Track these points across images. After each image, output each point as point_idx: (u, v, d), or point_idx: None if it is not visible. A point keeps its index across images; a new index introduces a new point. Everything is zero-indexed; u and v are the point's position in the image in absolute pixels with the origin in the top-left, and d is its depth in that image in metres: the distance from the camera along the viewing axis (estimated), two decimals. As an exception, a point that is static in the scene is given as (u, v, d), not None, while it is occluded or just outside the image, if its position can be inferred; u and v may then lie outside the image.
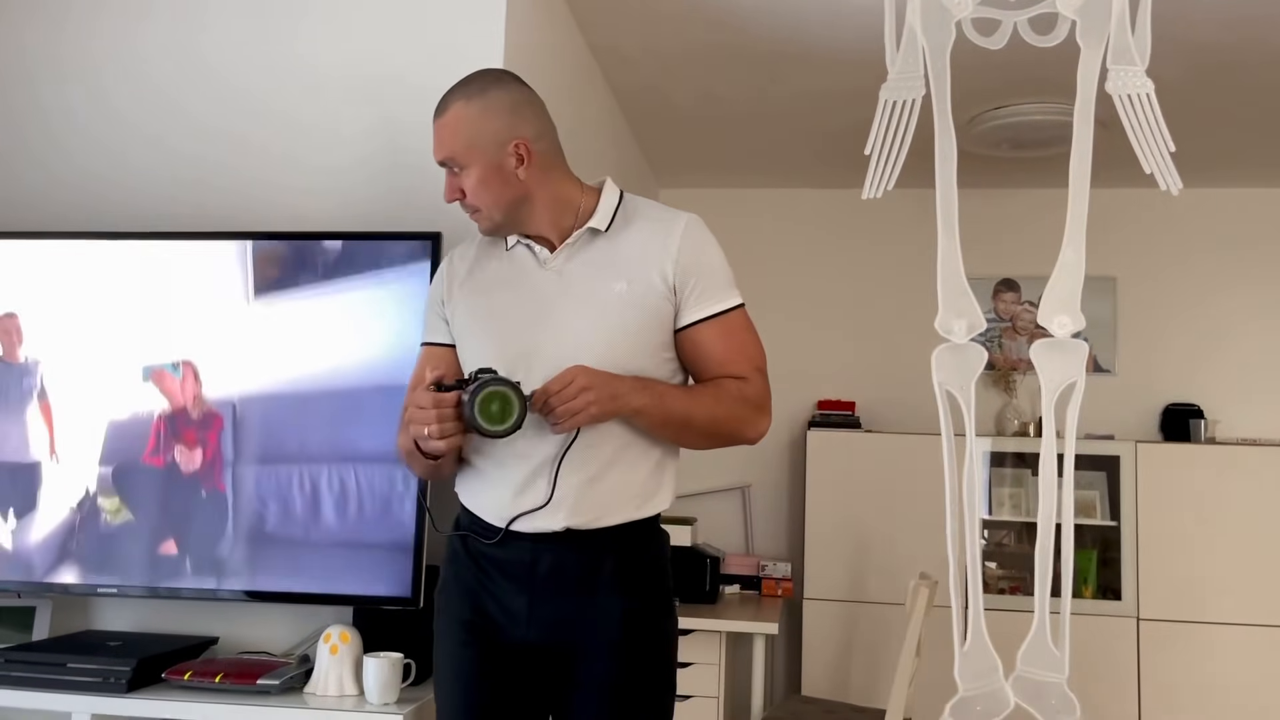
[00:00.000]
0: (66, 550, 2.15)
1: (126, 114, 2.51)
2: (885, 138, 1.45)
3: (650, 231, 1.72)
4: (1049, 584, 1.25)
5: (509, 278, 1.75)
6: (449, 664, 1.73)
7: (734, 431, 1.71)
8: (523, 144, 1.69)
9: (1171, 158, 1.26)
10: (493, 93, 1.70)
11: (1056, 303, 1.27)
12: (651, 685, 1.69)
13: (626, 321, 1.67)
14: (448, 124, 1.69)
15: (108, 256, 2.24)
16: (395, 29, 2.43)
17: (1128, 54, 1.30)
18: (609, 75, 3.56)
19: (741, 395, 1.69)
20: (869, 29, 3.06)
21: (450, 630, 1.74)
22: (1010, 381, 4.52)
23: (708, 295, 1.70)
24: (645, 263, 1.69)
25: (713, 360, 1.71)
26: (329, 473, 2.07)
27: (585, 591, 1.66)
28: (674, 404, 1.66)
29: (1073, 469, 1.23)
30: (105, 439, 2.16)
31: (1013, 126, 3.69)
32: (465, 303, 1.77)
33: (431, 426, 1.57)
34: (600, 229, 1.72)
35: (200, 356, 2.15)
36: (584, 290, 1.69)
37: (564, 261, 1.72)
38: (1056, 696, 1.21)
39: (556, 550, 1.66)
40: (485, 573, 1.71)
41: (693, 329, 1.70)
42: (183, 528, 2.12)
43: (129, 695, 1.95)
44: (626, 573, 1.68)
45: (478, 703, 1.70)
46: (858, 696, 4.06)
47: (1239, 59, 3.22)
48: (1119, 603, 4.04)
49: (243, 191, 2.43)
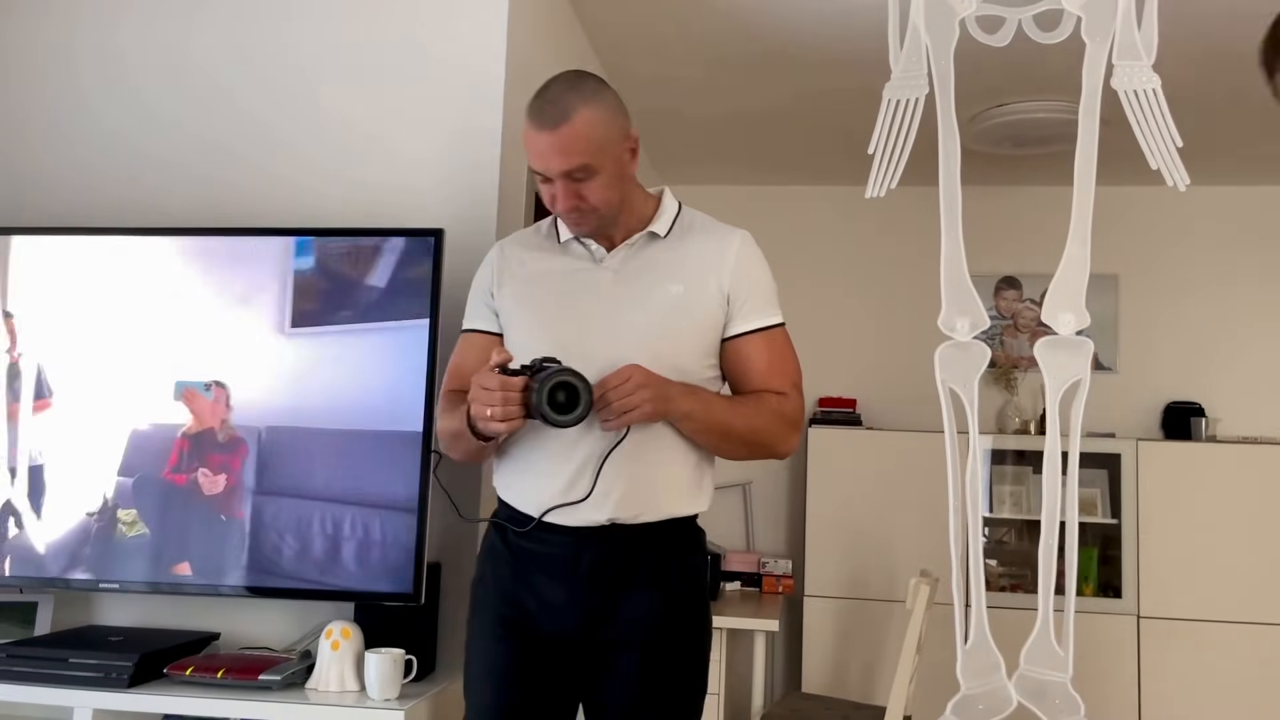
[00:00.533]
0: (78, 557, 2.14)
1: (135, 110, 2.51)
2: (888, 137, 1.45)
3: (707, 242, 1.76)
4: (1052, 582, 1.25)
5: (564, 271, 1.77)
6: (482, 659, 1.75)
7: (769, 444, 1.75)
8: (635, 138, 1.72)
9: (1178, 153, 1.26)
10: (605, 92, 1.69)
11: (1061, 300, 1.26)
12: (683, 682, 1.71)
13: (680, 323, 1.71)
14: (577, 131, 1.61)
15: (126, 254, 2.23)
16: (396, 25, 2.43)
17: (1134, 49, 1.30)
18: (610, 71, 3.55)
19: (780, 410, 1.73)
20: (872, 26, 3.05)
21: (486, 626, 1.75)
22: (1011, 379, 4.52)
23: (757, 309, 1.74)
24: (702, 270, 1.73)
25: (755, 372, 1.74)
26: (351, 515, 2.06)
27: (624, 586, 1.69)
28: (719, 412, 1.70)
29: (1077, 466, 1.23)
30: (126, 449, 2.15)
31: (1014, 124, 3.69)
32: (516, 292, 1.79)
33: (495, 409, 1.56)
34: (660, 234, 1.76)
35: (232, 380, 2.13)
36: (640, 290, 1.72)
37: (621, 261, 1.74)
38: (1060, 695, 1.21)
39: (599, 545, 1.68)
40: (524, 567, 1.72)
41: (740, 340, 1.74)
42: (198, 551, 2.10)
43: (131, 690, 1.95)
44: (665, 569, 1.71)
45: (509, 700, 1.72)
46: (858, 693, 4.06)
47: (1243, 55, 3.21)
48: (1119, 600, 4.04)
49: (246, 189, 2.43)
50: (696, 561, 1.79)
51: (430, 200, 2.34)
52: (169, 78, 2.50)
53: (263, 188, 2.42)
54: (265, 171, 2.43)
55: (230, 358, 2.15)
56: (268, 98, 2.46)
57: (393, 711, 1.90)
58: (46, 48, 2.56)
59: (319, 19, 2.46)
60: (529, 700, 1.72)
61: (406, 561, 2.04)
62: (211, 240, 2.22)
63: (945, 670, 1.43)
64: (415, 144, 2.39)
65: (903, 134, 1.45)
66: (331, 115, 2.43)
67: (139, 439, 2.14)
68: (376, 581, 2.06)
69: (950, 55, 1.42)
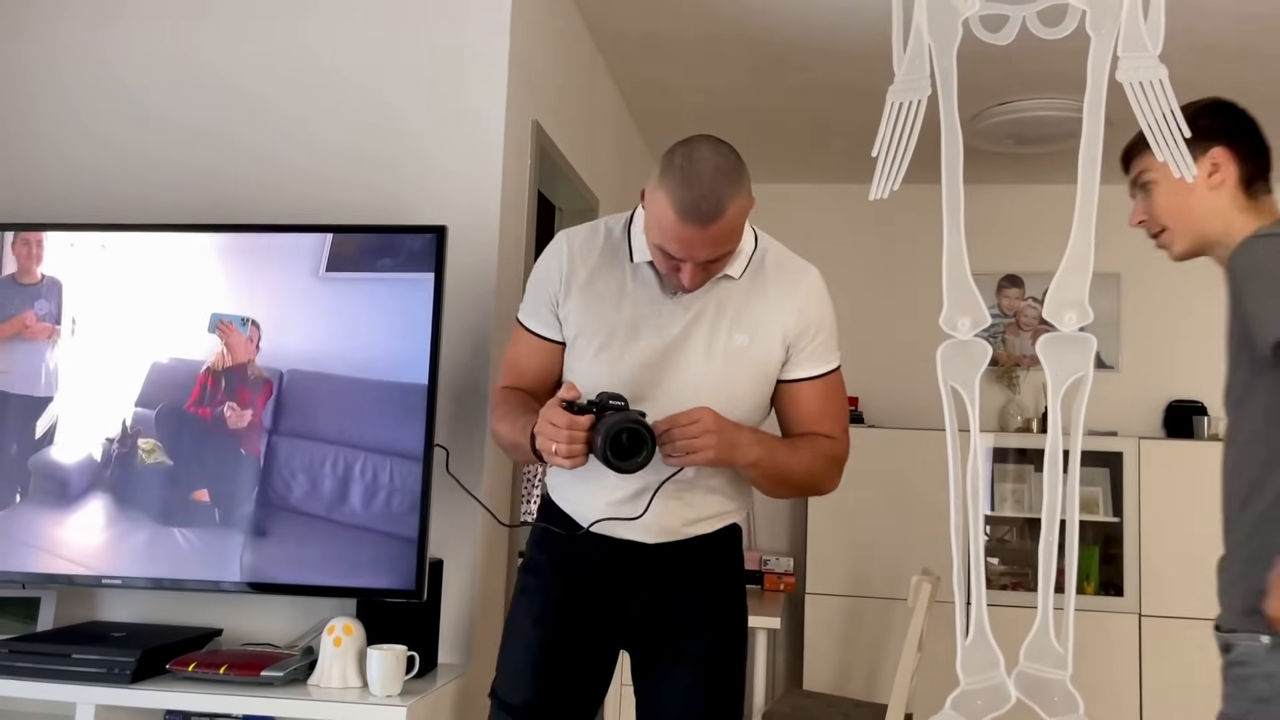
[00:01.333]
0: (99, 479, 2.16)
1: (140, 108, 2.52)
2: (892, 139, 1.45)
3: (777, 288, 1.76)
4: (1052, 579, 1.25)
5: (635, 299, 1.74)
6: (523, 649, 1.80)
7: (819, 487, 1.82)
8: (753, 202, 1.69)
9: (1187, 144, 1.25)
10: (744, 172, 1.64)
11: (1064, 296, 1.26)
12: (734, 679, 1.80)
13: (742, 372, 1.73)
14: (730, 226, 1.60)
15: (141, 247, 2.25)
16: (400, 24, 2.43)
17: (1139, 40, 1.29)
18: (614, 69, 3.56)
19: (832, 454, 1.79)
20: (873, 24, 3.05)
21: (530, 616, 1.81)
22: (1013, 377, 4.52)
23: (817, 356, 1.77)
24: (769, 321, 1.74)
25: (808, 416, 1.78)
26: (363, 460, 2.09)
27: (674, 593, 1.77)
28: (782, 460, 1.73)
29: (1078, 464, 1.23)
30: (146, 380, 2.16)
31: (1017, 122, 3.69)
32: (585, 308, 1.76)
33: (561, 446, 1.57)
34: (735, 276, 1.74)
35: (265, 319, 2.15)
36: (708, 335, 1.72)
37: (693, 299, 1.72)
38: (1059, 693, 1.21)
39: (649, 554, 1.76)
40: (575, 567, 1.80)
41: (796, 384, 1.78)
42: (216, 480, 2.13)
43: (133, 686, 1.96)
44: (713, 575, 1.80)
45: (542, 691, 1.78)
46: (859, 691, 4.06)
47: (1246, 55, 3.21)
48: (1121, 599, 4.04)
49: (251, 186, 2.43)
50: (739, 561, 1.87)
51: (433, 197, 2.35)
52: (175, 77, 2.50)
53: (267, 185, 2.42)
54: (269, 169, 2.43)
55: (264, 298, 2.17)
56: (272, 96, 2.46)
57: (395, 707, 1.90)
58: (68, 48, 2.57)
59: (324, 19, 2.46)
60: (561, 694, 1.79)
61: (409, 558, 2.04)
62: (220, 236, 2.22)
63: (946, 668, 1.43)
64: (419, 143, 2.39)
65: (906, 136, 1.45)
66: (336, 114, 2.43)
67: (160, 371, 2.16)
68: (378, 577, 2.06)
69: (953, 55, 1.42)
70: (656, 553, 1.76)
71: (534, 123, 2.60)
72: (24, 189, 2.52)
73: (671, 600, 1.77)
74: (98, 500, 2.16)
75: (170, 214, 2.39)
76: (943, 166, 1.40)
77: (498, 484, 2.38)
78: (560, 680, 1.79)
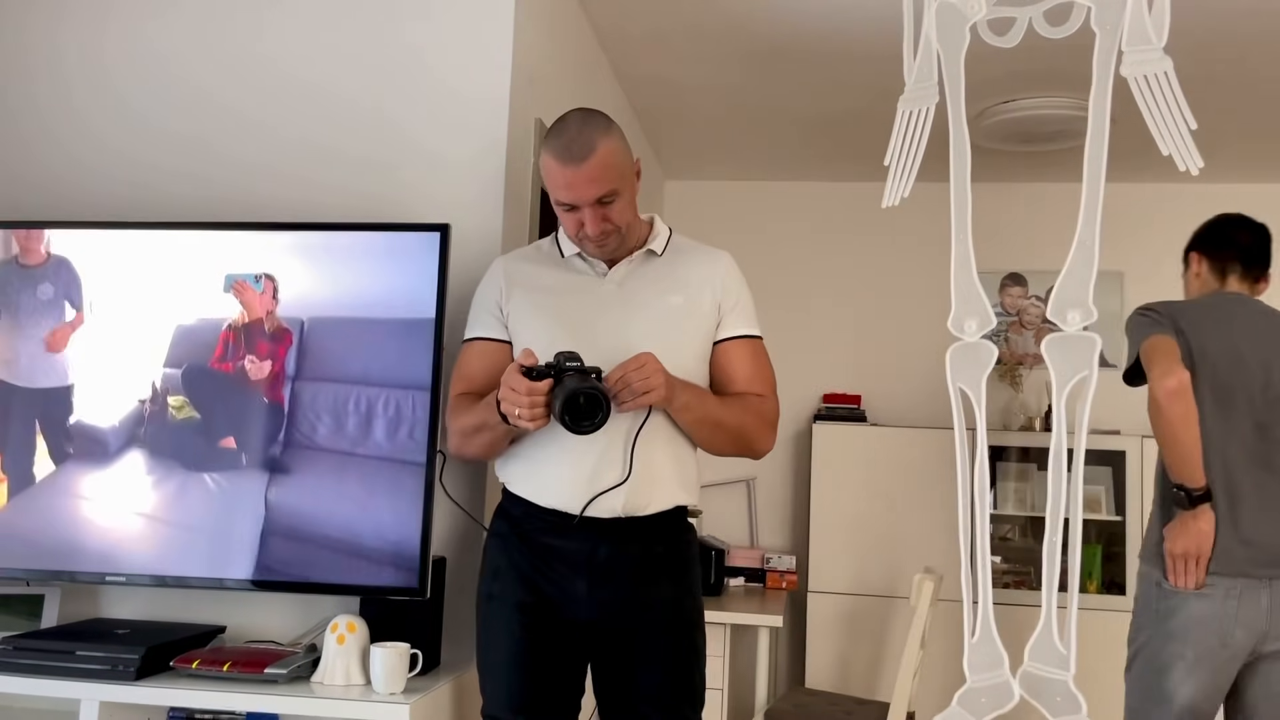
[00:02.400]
0: (135, 435, 2.20)
1: (143, 108, 2.52)
2: (902, 147, 1.45)
3: (700, 261, 1.97)
4: (1056, 579, 1.25)
5: (572, 284, 1.94)
6: (505, 645, 1.88)
7: (751, 441, 1.94)
8: (639, 164, 1.92)
9: (1192, 136, 1.24)
10: (614, 125, 1.87)
11: (1068, 296, 1.26)
12: (696, 659, 1.92)
13: (680, 328, 1.90)
14: (603, 161, 1.80)
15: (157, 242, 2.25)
16: (403, 21, 2.43)
17: (1144, 34, 1.29)
18: (616, 66, 3.56)
19: (761, 410, 1.93)
20: (878, 20, 3.05)
21: (503, 613, 1.89)
22: (1016, 376, 4.52)
23: (743, 319, 1.96)
24: (698, 284, 1.93)
25: (740, 375, 1.93)
26: (385, 396, 2.13)
27: (640, 577, 1.86)
28: (712, 405, 1.89)
29: (1082, 464, 1.23)
30: (172, 342, 2.21)
31: (1021, 121, 3.68)
32: (527, 299, 1.94)
33: (523, 410, 1.69)
34: (657, 252, 1.96)
35: (280, 273, 2.20)
36: (643, 300, 1.91)
37: (624, 276, 1.93)
38: (1061, 693, 1.21)
39: (613, 538, 1.85)
40: (542, 558, 1.87)
41: (727, 344, 1.94)
42: (242, 428, 2.18)
43: (137, 683, 1.96)
44: (674, 558, 1.91)
45: (529, 685, 1.86)
46: (861, 689, 4.07)
47: (1249, 52, 3.21)
48: (1123, 598, 4.03)
49: (251, 184, 2.43)
50: (694, 548, 1.99)
51: (437, 195, 2.35)
52: (175, 76, 2.51)
53: (270, 183, 2.42)
54: (270, 168, 2.43)
55: (277, 250, 2.22)
56: (276, 95, 2.46)
57: (398, 705, 1.91)
58: (74, 48, 2.57)
59: (326, 15, 2.46)
60: (548, 685, 1.88)
61: (412, 556, 2.04)
62: (221, 235, 2.22)
63: (948, 666, 1.43)
64: (422, 140, 2.39)
65: (916, 143, 1.45)
66: (339, 112, 2.43)
67: (184, 333, 2.22)
68: (381, 575, 2.06)
69: (961, 61, 1.42)
70: (621, 533, 1.84)
71: (537, 120, 2.60)
72: (26, 183, 2.52)
73: (639, 585, 1.86)
74: (135, 454, 2.20)
75: (180, 212, 2.39)
76: (951, 172, 1.40)
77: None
78: (543, 684, 1.88)
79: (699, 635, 1.94)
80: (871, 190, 1.58)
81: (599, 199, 1.81)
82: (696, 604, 1.95)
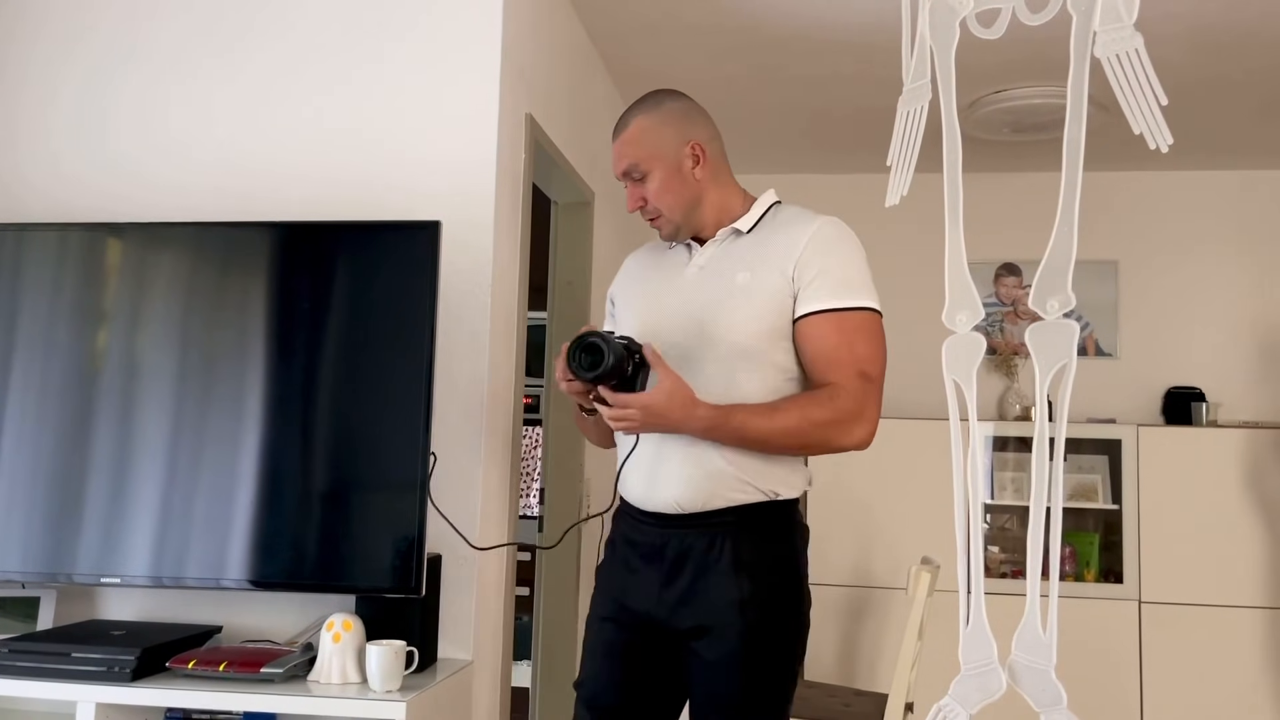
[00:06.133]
0: (130, 434, 2.18)
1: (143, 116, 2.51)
2: (902, 146, 1.45)
3: (784, 230, 1.83)
4: (1039, 569, 1.25)
5: (661, 268, 1.90)
6: (597, 636, 1.87)
7: (824, 440, 1.75)
8: (697, 145, 1.83)
9: (1163, 112, 1.24)
10: (667, 104, 1.85)
11: (1047, 284, 1.26)
12: (767, 669, 1.74)
13: (738, 306, 1.76)
14: (631, 136, 1.83)
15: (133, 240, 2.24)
16: (391, 16, 2.42)
17: (1115, 12, 1.29)
18: (608, 60, 3.55)
19: (831, 403, 1.72)
20: (872, 14, 3.05)
21: (599, 605, 1.88)
22: (1012, 366, 4.52)
23: (824, 290, 1.75)
24: (769, 258, 1.79)
25: (818, 360, 1.75)
26: (379, 395, 2.14)
27: (704, 571, 1.74)
28: (749, 429, 1.71)
29: (1063, 451, 1.23)
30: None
31: (1013, 110, 3.68)
32: (623, 289, 1.97)
33: (560, 383, 1.75)
34: (743, 230, 1.84)
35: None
36: (713, 279, 1.81)
37: (708, 258, 1.85)
38: (1045, 683, 1.22)
39: (681, 532, 1.76)
40: (626, 553, 1.84)
41: (804, 321, 1.75)
42: (238, 426, 2.18)
43: (133, 684, 1.96)
44: (742, 555, 1.74)
45: (617, 676, 1.83)
46: (860, 680, 4.07)
47: (1242, 40, 3.21)
48: (1121, 586, 4.04)
49: (243, 182, 2.43)
50: (777, 548, 1.79)
51: (427, 192, 2.34)
52: (167, 68, 2.50)
53: (261, 181, 2.42)
54: (259, 167, 2.43)
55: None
56: (265, 90, 2.45)
57: (394, 702, 1.91)
58: (68, 47, 2.56)
59: (314, 10, 2.46)
60: (634, 678, 1.82)
61: (407, 554, 2.04)
62: (209, 233, 2.22)
63: (947, 657, 1.44)
64: (411, 136, 2.38)
65: (914, 141, 1.45)
66: (327, 110, 2.42)
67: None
68: (377, 574, 2.06)
69: (952, 57, 1.42)
70: (688, 528, 1.76)
71: (528, 116, 2.59)
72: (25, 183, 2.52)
73: (701, 580, 1.74)
74: (132, 453, 2.19)
75: (167, 213, 2.39)
76: (944, 167, 1.40)
77: (495, 483, 2.39)
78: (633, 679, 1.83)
79: (773, 639, 1.76)
80: (865, 183, 1.59)
81: (625, 173, 1.84)
82: (774, 605, 1.76)
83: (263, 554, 2.10)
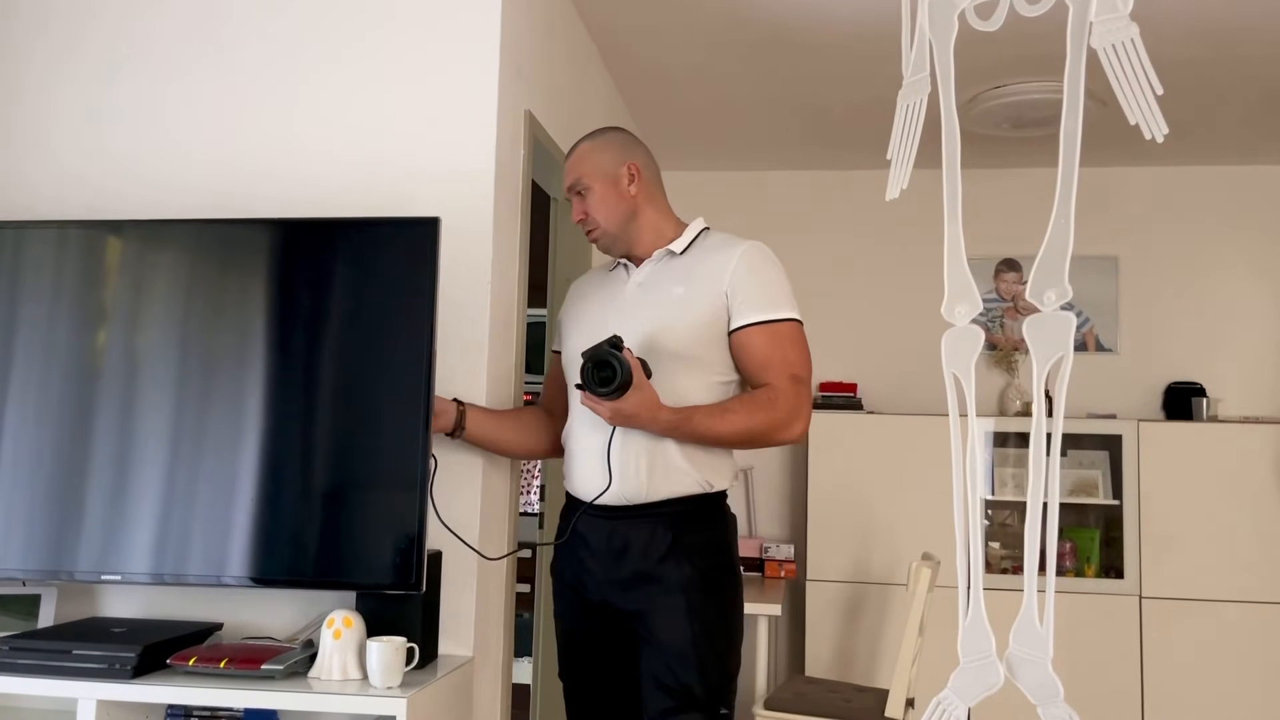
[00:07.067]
0: (129, 432, 2.18)
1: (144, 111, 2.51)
2: (902, 140, 1.45)
3: (715, 253, 2.05)
4: (1036, 563, 1.25)
5: (605, 289, 2.16)
6: (560, 625, 2.18)
7: (767, 437, 1.98)
8: (633, 165, 2.11)
9: (1158, 101, 1.23)
10: (610, 134, 2.18)
11: (1044, 277, 1.27)
12: (715, 642, 2.00)
13: (676, 317, 2.00)
14: (577, 158, 2.15)
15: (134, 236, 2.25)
16: (389, 10, 2.42)
17: (1111, 3, 1.29)
18: (607, 57, 3.55)
19: (772, 404, 1.96)
20: (869, 9, 3.05)
21: (560, 595, 2.17)
22: (1012, 361, 4.52)
23: (754, 306, 1.99)
24: (703, 275, 2.02)
25: (755, 363, 2.00)
26: (378, 392, 2.17)
27: (646, 559, 1.99)
28: (703, 429, 1.95)
29: (1059, 445, 1.23)
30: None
31: (1013, 106, 3.68)
32: (571, 310, 2.22)
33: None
34: (677, 251, 2.09)
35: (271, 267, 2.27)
36: (651, 294, 2.06)
37: (645, 276, 2.10)
38: (1042, 676, 1.22)
39: (625, 524, 2.00)
40: (577, 544, 2.09)
41: (741, 332, 2.00)
42: (238, 424, 2.21)
43: (134, 681, 1.96)
44: (681, 543, 1.98)
45: (574, 661, 2.16)
46: (861, 676, 4.08)
47: (1242, 35, 3.20)
48: (1121, 581, 4.05)
49: (243, 179, 2.43)
50: (713, 535, 2.04)
51: (426, 189, 2.34)
52: (166, 66, 2.50)
53: (260, 178, 2.42)
54: (256, 163, 2.43)
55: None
56: (264, 87, 2.45)
57: (395, 699, 1.91)
58: (67, 47, 2.56)
59: (312, 7, 2.46)
60: (600, 662, 2.11)
61: (407, 551, 2.04)
62: (205, 229, 2.22)
63: (947, 652, 1.44)
64: (410, 133, 2.38)
65: (914, 134, 1.45)
66: (325, 106, 2.42)
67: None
68: (377, 570, 2.06)
69: (951, 50, 1.42)
70: (632, 519, 2.00)
71: (527, 113, 2.59)
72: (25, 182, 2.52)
73: (644, 567, 1.99)
74: (131, 451, 2.18)
75: (166, 210, 2.39)
76: (943, 162, 1.40)
77: (496, 481, 2.39)
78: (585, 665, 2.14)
79: (709, 618, 2.01)
80: (864, 178, 1.59)
81: (570, 188, 2.13)
82: (710, 587, 2.01)
83: (263, 551, 2.10)
